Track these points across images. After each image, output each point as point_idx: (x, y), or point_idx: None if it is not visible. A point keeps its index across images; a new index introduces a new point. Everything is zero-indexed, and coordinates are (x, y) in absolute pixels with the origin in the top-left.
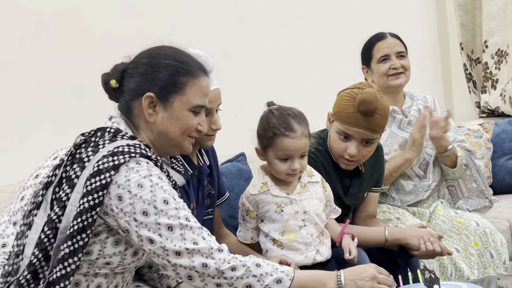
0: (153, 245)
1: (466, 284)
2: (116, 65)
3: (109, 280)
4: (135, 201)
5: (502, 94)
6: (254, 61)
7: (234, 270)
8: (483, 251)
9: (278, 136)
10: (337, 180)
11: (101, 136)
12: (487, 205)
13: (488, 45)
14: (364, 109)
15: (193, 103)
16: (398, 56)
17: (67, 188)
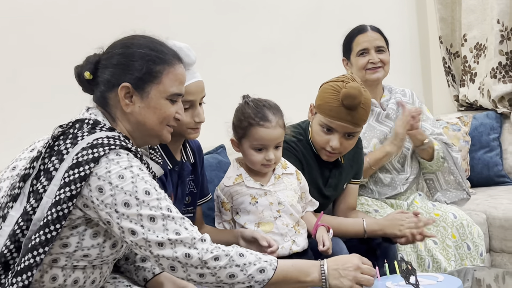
0: (135, 236)
1: (443, 275)
2: (88, 56)
3: (86, 275)
4: (116, 193)
5: (481, 87)
6: (234, 55)
7: (217, 260)
8: (460, 243)
9: (253, 126)
10: (317, 171)
11: (80, 128)
12: (464, 197)
13: (467, 39)
14: (348, 103)
15: (170, 91)
16: (377, 51)
17: (45, 181)
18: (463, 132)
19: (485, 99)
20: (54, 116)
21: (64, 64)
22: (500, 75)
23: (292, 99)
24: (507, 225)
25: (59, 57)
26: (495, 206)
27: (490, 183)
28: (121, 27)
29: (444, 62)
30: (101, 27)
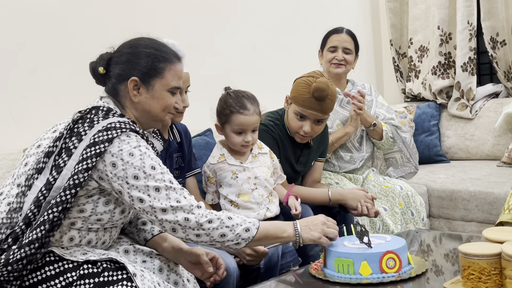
0: (143, 204)
1: (390, 236)
2: (101, 54)
3: (98, 237)
4: (127, 167)
5: (423, 82)
6: (219, 52)
7: (210, 222)
8: (405, 210)
9: (234, 113)
10: (290, 150)
11: (96, 113)
12: (412, 171)
13: (412, 42)
14: (318, 95)
15: (171, 85)
16: (344, 51)
17: (65, 157)
18: (408, 119)
19: (427, 92)
20: (70, 103)
21: (78, 60)
22: (439, 72)
23: (269, 91)
24: (443, 196)
25: (75, 53)
26: (434, 180)
27: (430, 161)
28: (121, 29)
29: (394, 61)
30: (105, 30)
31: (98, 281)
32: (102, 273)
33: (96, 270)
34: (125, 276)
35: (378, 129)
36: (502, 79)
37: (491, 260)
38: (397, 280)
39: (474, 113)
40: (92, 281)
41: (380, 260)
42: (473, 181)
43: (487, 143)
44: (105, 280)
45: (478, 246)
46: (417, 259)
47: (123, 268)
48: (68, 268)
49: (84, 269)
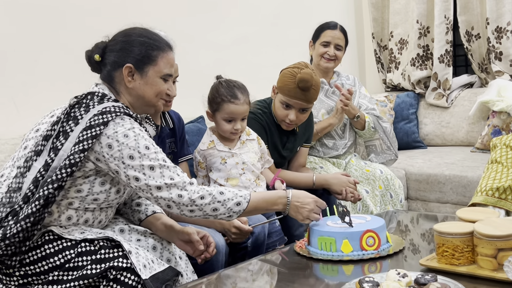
0: (139, 182)
1: (370, 216)
2: (97, 43)
3: (95, 216)
4: (122, 148)
5: (403, 73)
6: (211, 43)
7: (202, 198)
8: (385, 192)
9: (225, 102)
10: (277, 136)
11: (91, 98)
12: (392, 158)
13: (393, 35)
14: (302, 86)
15: (164, 72)
16: (335, 47)
17: (63, 139)
18: (388, 107)
19: (406, 82)
20: (68, 89)
21: (74, 48)
22: (418, 63)
23: (259, 81)
24: (420, 179)
25: (73, 41)
26: (412, 164)
27: (409, 147)
28: (117, 20)
29: (375, 53)
30: (101, 20)
31: (95, 258)
32: (99, 250)
33: (93, 248)
34: (120, 254)
35: (361, 120)
36: (476, 70)
37: (464, 238)
38: (376, 257)
39: (450, 102)
40: (89, 258)
41: (360, 238)
42: (448, 165)
43: (461, 130)
44: (102, 257)
45: (452, 225)
46: (395, 238)
47: (119, 246)
48: (67, 246)
49: (81, 247)
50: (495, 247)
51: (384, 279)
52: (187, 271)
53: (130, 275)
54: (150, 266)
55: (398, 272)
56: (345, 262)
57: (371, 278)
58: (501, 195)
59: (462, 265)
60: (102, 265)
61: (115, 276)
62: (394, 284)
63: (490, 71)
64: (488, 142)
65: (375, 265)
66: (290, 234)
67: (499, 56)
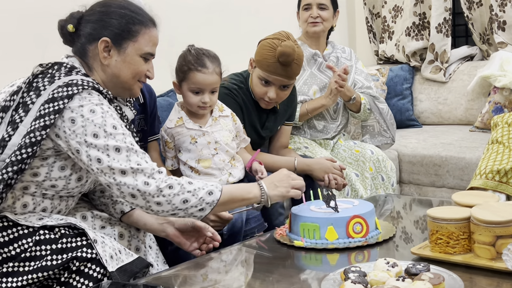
0: (101, 164)
1: (358, 200)
2: (72, 12)
3: (53, 205)
4: (87, 124)
5: (397, 44)
6: (184, 9)
7: (171, 188)
8: (375, 175)
9: (192, 70)
10: (255, 115)
11: (58, 69)
12: (388, 142)
13: (386, 1)
14: (283, 60)
15: (144, 50)
16: (319, 7)
17: (22, 112)
18: (381, 82)
19: (400, 54)
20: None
21: None
22: (414, 33)
23: (235, 52)
24: (414, 161)
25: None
26: (405, 145)
27: (402, 125)
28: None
29: (367, 21)
30: None
31: (56, 247)
32: (60, 239)
33: (53, 236)
34: (84, 243)
35: (357, 102)
36: (477, 42)
37: (459, 224)
38: (363, 245)
39: (448, 76)
40: (49, 247)
41: (346, 224)
42: (445, 146)
43: (460, 108)
44: (64, 247)
45: (447, 210)
46: (385, 224)
47: (82, 234)
48: (23, 234)
49: (40, 235)
50: (494, 234)
51: (372, 269)
52: (157, 262)
53: (95, 267)
54: (117, 257)
55: (387, 261)
56: (329, 250)
57: (357, 267)
58: (502, 178)
59: (457, 253)
60: (63, 255)
61: (78, 267)
62: (382, 274)
63: (493, 42)
64: (489, 121)
65: (362, 254)
66: (270, 223)
67: (503, 26)
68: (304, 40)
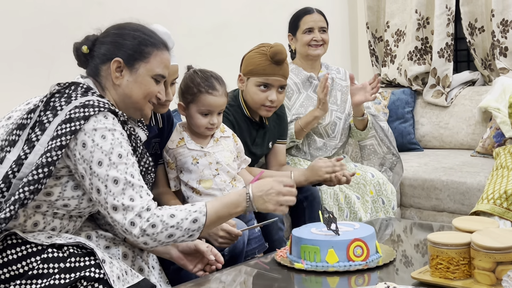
0: (99, 195)
1: (359, 223)
2: (87, 35)
3: (62, 225)
4: (95, 150)
5: (399, 68)
6: (188, 28)
7: (154, 227)
8: (376, 198)
9: (202, 93)
10: (246, 132)
11: (74, 89)
12: (393, 159)
13: (389, 26)
14: (278, 58)
15: (156, 71)
16: (320, 31)
17: (38, 131)
18: (382, 105)
19: (402, 78)
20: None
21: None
22: (416, 57)
23: (234, 70)
24: (415, 184)
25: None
26: (406, 168)
27: (404, 149)
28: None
29: (370, 45)
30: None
31: (64, 266)
32: (68, 258)
33: (61, 254)
34: (93, 263)
35: (365, 119)
36: (479, 67)
37: (460, 249)
38: (364, 269)
39: (449, 100)
40: (57, 265)
41: (347, 248)
42: (446, 170)
43: (461, 132)
44: (72, 266)
45: (447, 235)
46: (386, 248)
47: (91, 254)
48: (32, 252)
49: (48, 253)
50: (494, 260)
51: None
52: (160, 282)
53: (103, 287)
54: (123, 278)
55: (387, 285)
56: (330, 273)
57: None
58: (510, 206)
59: (457, 279)
60: (71, 274)
61: (85, 287)
62: None
63: (494, 68)
64: (490, 146)
65: (362, 278)
66: (269, 239)
67: (504, 52)
68: (298, 64)
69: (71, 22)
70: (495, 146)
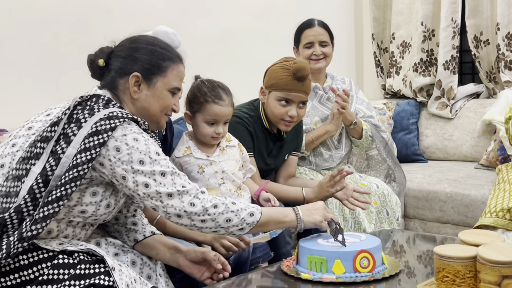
0: (148, 189)
1: (365, 235)
2: (102, 48)
3: (75, 234)
4: (132, 152)
5: (404, 79)
6: (194, 37)
7: (216, 207)
8: (380, 209)
9: (209, 102)
10: (263, 142)
11: (96, 101)
12: (392, 170)
13: (395, 37)
14: (300, 75)
15: (173, 84)
16: (320, 45)
17: (64, 144)
18: (387, 116)
19: (407, 89)
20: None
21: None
22: (421, 69)
23: (244, 80)
24: (419, 196)
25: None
26: (411, 179)
27: (408, 160)
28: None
29: (375, 56)
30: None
31: (74, 273)
32: (78, 264)
33: (72, 261)
34: (102, 270)
35: (358, 128)
36: (483, 80)
37: (466, 263)
38: (370, 280)
39: (454, 113)
40: (67, 272)
41: (354, 259)
42: (450, 182)
43: (465, 144)
44: (81, 273)
45: (454, 248)
46: (391, 260)
47: (101, 261)
48: (43, 258)
49: (58, 259)
50: (499, 274)
51: None
52: None
53: None
54: (132, 286)
55: None
56: (336, 284)
57: None
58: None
59: None
60: (81, 281)
61: None
62: None
63: (499, 81)
64: (494, 159)
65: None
66: (276, 252)
67: (509, 65)
68: None
69: (79, 31)
70: (499, 159)
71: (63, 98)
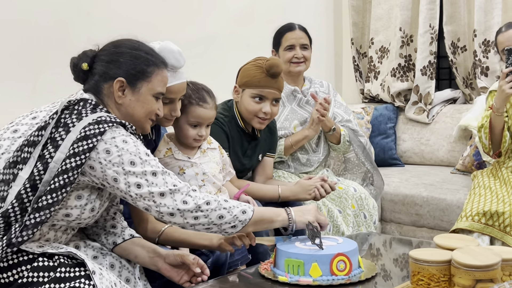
0: (140, 189)
1: (342, 238)
2: (85, 51)
3: (56, 237)
4: (122, 154)
5: (382, 84)
6: (176, 41)
7: (208, 204)
8: (358, 212)
9: (193, 105)
10: (238, 142)
11: (84, 106)
12: (371, 173)
13: (374, 42)
14: (273, 72)
15: (157, 90)
16: (301, 48)
17: (51, 148)
18: (365, 120)
19: (385, 94)
20: None
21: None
22: (399, 74)
23: (222, 82)
24: (396, 200)
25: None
26: (388, 183)
27: (385, 164)
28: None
29: (354, 60)
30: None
31: (54, 276)
32: (57, 267)
33: (52, 264)
34: (82, 274)
35: (336, 133)
36: (460, 85)
37: (440, 266)
38: (347, 283)
39: (431, 118)
40: (47, 274)
41: (330, 262)
42: (426, 186)
43: (442, 149)
44: (61, 276)
45: (429, 252)
46: (367, 263)
47: (81, 265)
48: (23, 261)
49: (38, 262)
50: (473, 278)
51: None
52: None
53: None
54: None
55: None
56: (313, 287)
57: None
58: (488, 221)
59: None
60: (61, 284)
61: None
62: None
63: (475, 86)
64: (470, 164)
65: None
66: (254, 251)
67: (485, 72)
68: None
69: (58, 33)
70: (474, 164)
71: (41, 99)
